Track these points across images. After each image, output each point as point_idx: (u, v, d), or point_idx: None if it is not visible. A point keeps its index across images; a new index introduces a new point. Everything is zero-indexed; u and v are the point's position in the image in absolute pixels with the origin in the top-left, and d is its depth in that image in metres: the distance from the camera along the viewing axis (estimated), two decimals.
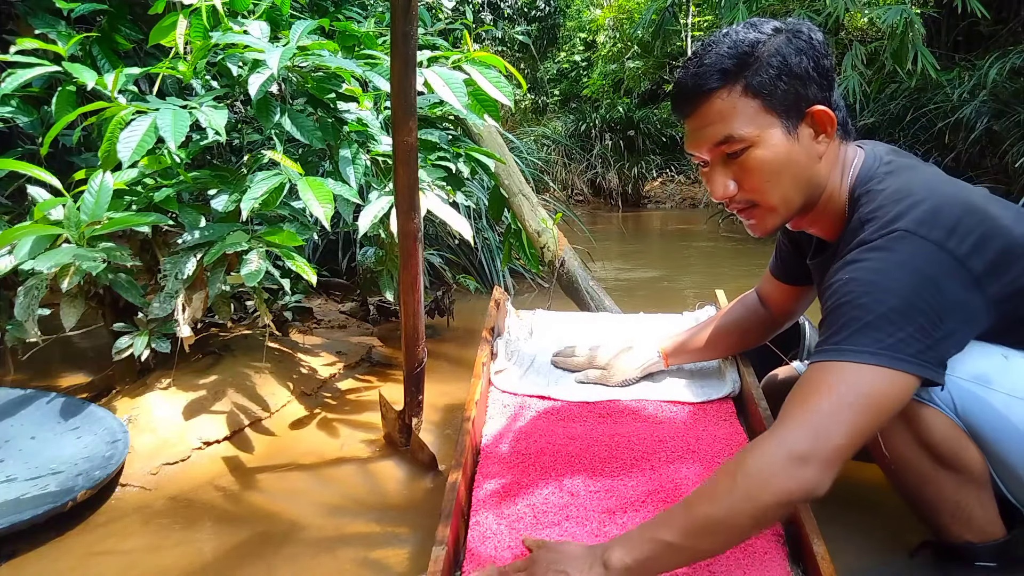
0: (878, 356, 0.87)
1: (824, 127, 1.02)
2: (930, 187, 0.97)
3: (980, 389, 0.98)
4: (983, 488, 1.03)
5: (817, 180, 1.05)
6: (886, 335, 0.87)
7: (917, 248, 0.91)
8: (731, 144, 1.01)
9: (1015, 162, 3.73)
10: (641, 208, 7.88)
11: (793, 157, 1.01)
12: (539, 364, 1.60)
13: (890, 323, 0.88)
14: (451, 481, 1.09)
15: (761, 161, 1.01)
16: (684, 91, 1.04)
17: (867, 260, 0.93)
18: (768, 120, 0.99)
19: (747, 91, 0.99)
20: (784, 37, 1.00)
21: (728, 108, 1.00)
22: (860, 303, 0.90)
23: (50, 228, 1.32)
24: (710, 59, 1.01)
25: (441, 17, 3.75)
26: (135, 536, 1.31)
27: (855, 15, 5.77)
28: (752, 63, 0.99)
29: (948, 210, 0.93)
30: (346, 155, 1.55)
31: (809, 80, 1.00)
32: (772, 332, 1.47)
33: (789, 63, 0.99)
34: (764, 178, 1.02)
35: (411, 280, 1.40)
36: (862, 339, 0.88)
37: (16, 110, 1.56)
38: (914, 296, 0.89)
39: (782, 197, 1.04)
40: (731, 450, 1.23)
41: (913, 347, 0.88)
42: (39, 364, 1.97)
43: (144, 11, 1.67)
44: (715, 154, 1.04)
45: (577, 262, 2.41)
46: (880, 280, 0.90)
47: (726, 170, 1.04)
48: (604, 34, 8.89)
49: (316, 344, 2.22)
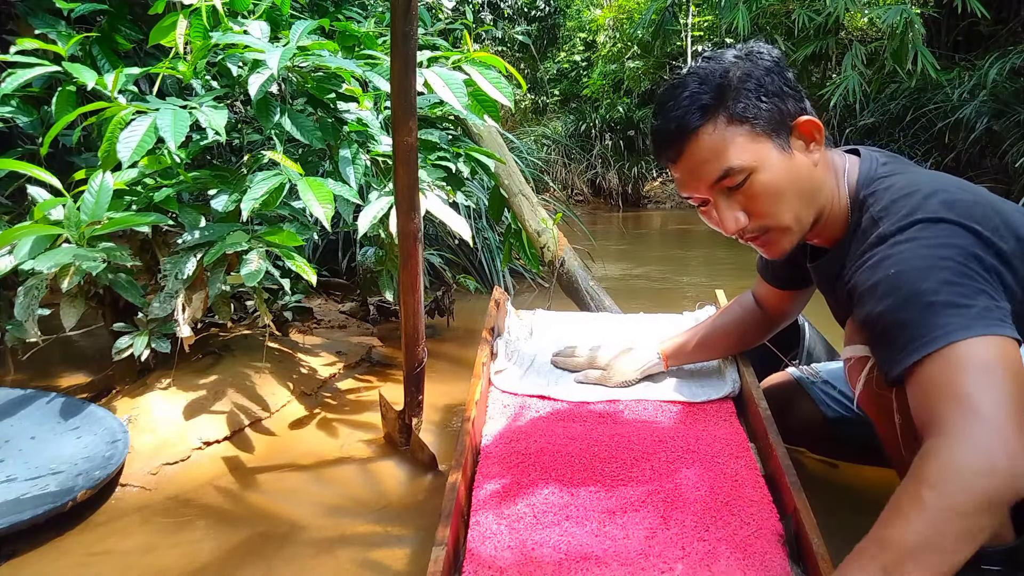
0: (974, 327, 0.80)
1: (812, 136, 1.02)
2: (935, 183, 0.97)
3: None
4: None
5: (822, 188, 1.04)
6: (967, 307, 0.82)
7: (947, 230, 0.88)
8: (732, 177, 0.99)
9: (1015, 162, 3.73)
10: (641, 208, 7.88)
11: (794, 173, 1.01)
12: (539, 364, 1.60)
13: (963, 296, 0.83)
14: (451, 481, 1.09)
15: (766, 185, 0.99)
16: (667, 136, 1.02)
17: (902, 251, 0.90)
18: (761, 143, 0.99)
19: (732, 120, 0.98)
20: (747, 61, 1.00)
21: (719, 142, 0.99)
22: (922, 289, 0.85)
23: (50, 228, 1.32)
24: (685, 99, 1.00)
25: (441, 17, 3.75)
26: (135, 536, 1.31)
27: (855, 15, 5.78)
28: (728, 92, 0.99)
29: (962, 200, 0.92)
30: (346, 155, 1.55)
31: (785, 95, 1.00)
32: (770, 332, 1.47)
33: (763, 83, 0.99)
34: (773, 200, 1.00)
35: (411, 280, 1.40)
36: (948, 319, 0.82)
37: (16, 110, 1.57)
38: (968, 269, 0.85)
39: (794, 215, 1.02)
40: (731, 450, 1.23)
41: (997, 313, 0.83)
42: (39, 364, 1.97)
43: (144, 11, 1.67)
44: (716, 190, 1.02)
45: (577, 262, 2.42)
46: (930, 263, 0.86)
47: (731, 203, 1.02)
48: (604, 34, 8.89)
49: (316, 344, 2.22)
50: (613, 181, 7.97)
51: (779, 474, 1.13)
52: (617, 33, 8.60)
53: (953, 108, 4.24)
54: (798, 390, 1.46)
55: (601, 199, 8.18)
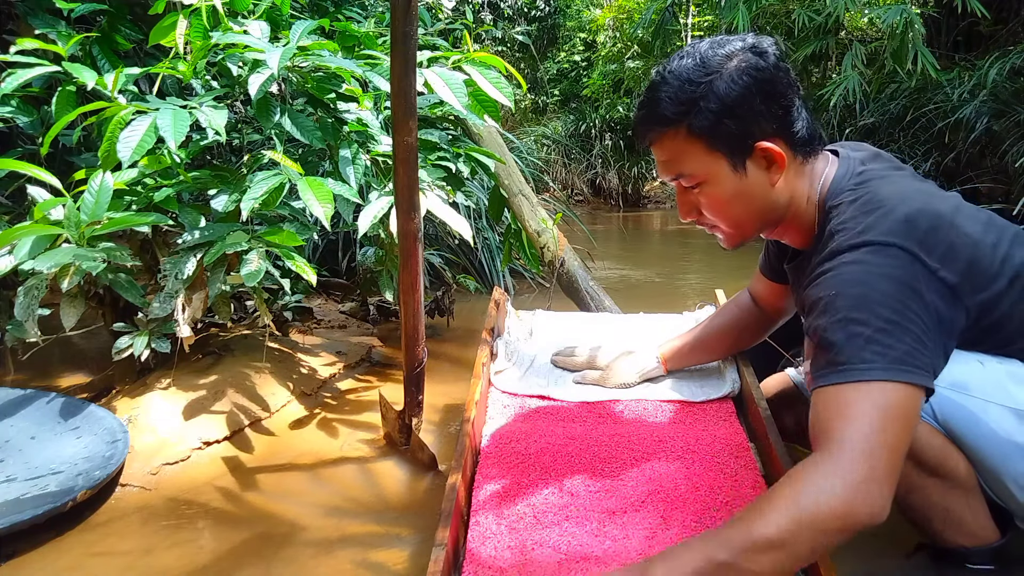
0: (889, 371, 0.86)
1: (772, 161, 1.04)
2: (900, 197, 0.97)
3: (958, 396, 0.99)
4: (971, 493, 1.04)
5: (773, 205, 1.08)
6: (889, 348, 0.87)
7: (894, 259, 0.91)
8: (684, 180, 1.07)
9: (1015, 162, 3.73)
10: (641, 208, 7.88)
11: (742, 191, 1.05)
12: (539, 365, 1.60)
13: (889, 335, 0.87)
14: (451, 482, 1.09)
15: (711, 197, 1.07)
16: (637, 129, 1.11)
17: (846, 272, 0.93)
18: (713, 159, 1.03)
19: (691, 133, 1.03)
20: (730, 75, 1.00)
21: (677, 148, 1.05)
22: (855, 317, 0.89)
23: (50, 228, 1.32)
24: (656, 103, 1.04)
25: (441, 17, 3.75)
26: (135, 536, 1.31)
27: (855, 15, 5.77)
28: (693, 108, 1.01)
29: (918, 222, 0.94)
30: (346, 155, 1.55)
31: (755, 117, 1.01)
32: (767, 331, 1.48)
33: (731, 106, 1.00)
34: (717, 210, 1.08)
35: (411, 280, 1.40)
36: (868, 355, 0.87)
37: (16, 110, 1.57)
38: (903, 307, 0.89)
39: (736, 224, 1.10)
40: (731, 450, 1.23)
41: (918, 358, 0.87)
42: (39, 364, 1.97)
43: (144, 11, 1.67)
44: (676, 184, 1.10)
45: (577, 262, 2.42)
46: (868, 293, 0.90)
47: (686, 198, 1.11)
48: (604, 34, 8.87)
49: (316, 344, 2.22)
50: (613, 181, 7.96)
51: (779, 474, 1.13)
52: (617, 33, 8.59)
53: (953, 108, 4.23)
54: (795, 391, 1.47)
55: (601, 199, 8.17)
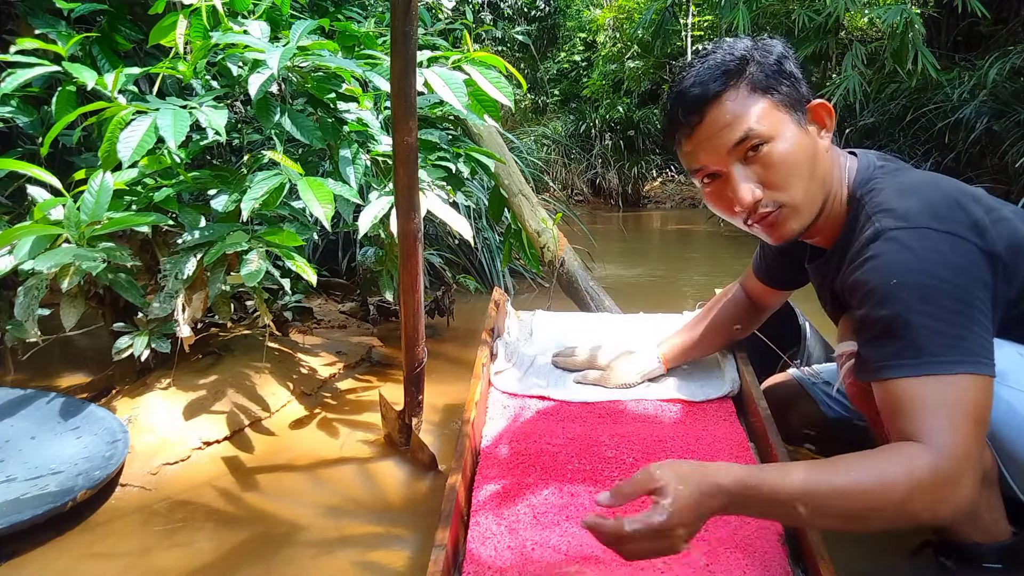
0: (963, 364, 0.85)
1: (824, 121, 1.04)
2: (932, 183, 0.98)
3: (995, 385, 0.95)
4: (991, 488, 1.02)
5: (830, 175, 1.05)
6: (961, 339, 0.86)
7: (950, 243, 0.89)
8: (749, 141, 0.98)
9: (1015, 162, 3.73)
10: (641, 208, 7.87)
11: (810, 150, 1.01)
12: (539, 365, 1.60)
13: (960, 327, 0.86)
14: (451, 482, 1.09)
15: (784, 155, 0.99)
16: (689, 100, 1.02)
17: (904, 259, 0.90)
18: (780, 115, 1.00)
19: (755, 88, 1.00)
20: (760, 51, 1.03)
21: (740, 107, 0.99)
22: (923, 309, 0.87)
23: (50, 228, 1.32)
24: (708, 67, 1.01)
25: (441, 17, 3.75)
26: (135, 536, 1.31)
27: (855, 15, 5.78)
28: (751, 64, 1.01)
29: (960, 204, 0.93)
30: (346, 155, 1.55)
31: (799, 80, 1.03)
32: (759, 322, 1.51)
33: (782, 63, 1.02)
34: (788, 172, 0.99)
35: (411, 280, 1.40)
36: (940, 348, 0.86)
37: (16, 110, 1.56)
38: (969, 296, 0.88)
39: (806, 192, 1.01)
40: (731, 449, 1.23)
41: (988, 348, 0.87)
42: (39, 364, 1.97)
43: (144, 11, 1.67)
44: (733, 157, 1.00)
45: (577, 262, 2.41)
46: (932, 282, 0.88)
47: (747, 172, 1.01)
48: (604, 34, 8.87)
49: (316, 344, 2.22)
50: (613, 181, 7.96)
51: None
52: (617, 33, 8.59)
53: (953, 108, 4.24)
54: (799, 390, 1.47)
55: (601, 199, 8.16)
